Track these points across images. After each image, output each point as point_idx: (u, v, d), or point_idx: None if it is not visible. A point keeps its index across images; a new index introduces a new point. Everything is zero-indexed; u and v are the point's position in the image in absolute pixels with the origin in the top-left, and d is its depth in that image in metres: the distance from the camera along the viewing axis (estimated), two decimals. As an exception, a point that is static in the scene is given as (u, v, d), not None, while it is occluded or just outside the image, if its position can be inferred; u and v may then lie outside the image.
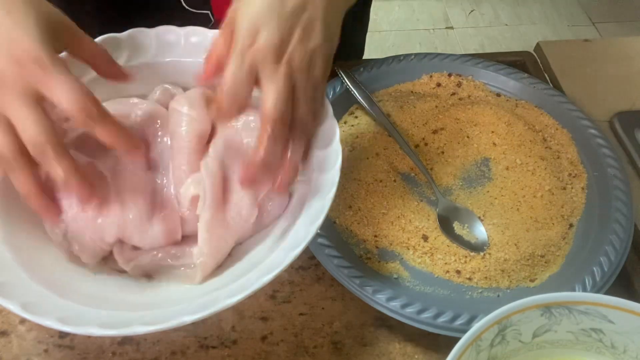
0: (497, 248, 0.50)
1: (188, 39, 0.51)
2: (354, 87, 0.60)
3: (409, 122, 0.60)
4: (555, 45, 0.72)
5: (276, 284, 0.50)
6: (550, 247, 0.51)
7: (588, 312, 0.39)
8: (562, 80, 0.67)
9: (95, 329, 0.35)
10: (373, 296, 0.46)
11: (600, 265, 0.48)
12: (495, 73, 0.64)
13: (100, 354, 0.46)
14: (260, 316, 0.48)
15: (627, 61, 0.70)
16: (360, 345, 0.47)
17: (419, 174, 0.56)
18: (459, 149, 0.58)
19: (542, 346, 0.41)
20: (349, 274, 0.47)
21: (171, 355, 0.46)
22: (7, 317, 0.47)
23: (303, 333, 0.47)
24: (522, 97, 0.63)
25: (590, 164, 0.56)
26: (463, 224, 0.52)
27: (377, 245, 0.51)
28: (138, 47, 0.50)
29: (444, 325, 0.45)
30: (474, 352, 0.37)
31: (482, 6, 2.16)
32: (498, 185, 0.55)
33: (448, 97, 0.63)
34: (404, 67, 0.64)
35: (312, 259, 0.51)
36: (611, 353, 0.41)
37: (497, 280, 0.49)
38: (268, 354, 0.46)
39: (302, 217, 0.43)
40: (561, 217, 0.53)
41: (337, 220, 0.52)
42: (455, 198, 0.55)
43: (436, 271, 0.50)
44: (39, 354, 0.45)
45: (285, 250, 0.40)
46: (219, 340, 0.47)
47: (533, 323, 0.39)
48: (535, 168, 0.56)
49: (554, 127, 0.60)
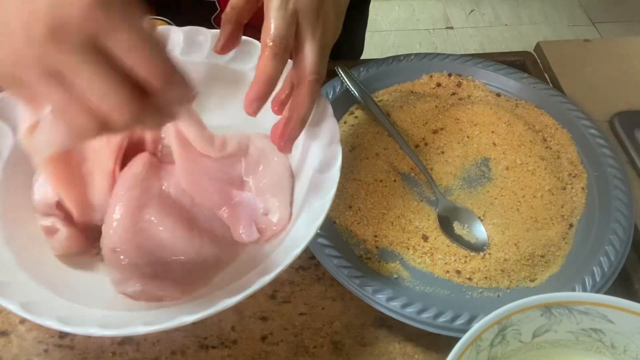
0: (497, 248, 0.50)
1: (190, 38, 0.51)
2: (354, 87, 0.60)
3: (409, 122, 0.60)
4: (555, 45, 0.72)
5: (276, 284, 0.50)
6: (550, 247, 0.51)
7: (588, 312, 0.39)
8: (562, 80, 0.67)
9: (95, 329, 0.35)
10: (373, 296, 0.46)
11: (600, 265, 0.48)
12: (495, 73, 0.64)
13: (100, 354, 0.46)
14: (260, 316, 0.48)
15: (627, 61, 0.70)
16: (360, 345, 0.47)
17: (419, 174, 0.56)
18: (459, 149, 0.58)
19: (542, 346, 0.41)
20: (349, 274, 0.47)
21: (171, 355, 0.46)
22: (7, 317, 0.47)
23: (303, 333, 0.47)
24: (522, 97, 0.63)
25: (590, 164, 0.56)
26: (463, 224, 0.52)
27: (377, 245, 0.51)
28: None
29: (444, 325, 0.45)
30: (474, 352, 0.37)
31: (482, 6, 2.16)
32: (498, 185, 0.55)
33: (448, 97, 0.63)
34: (404, 67, 0.64)
35: (312, 259, 0.51)
36: (611, 353, 0.41)
37: (497, 280, 0.49)
38: (268, 354, 0.46)
39: (302, 217, 0.43)
40: (561, 217, 0.53)
41: (337, 220, 0.52)
42: (455, 198, 0.55)
43: (436, 271, 0.50)
44: (39, 354, 0.45)
45: (285, 250, 0.40)
46: (219, 340, 0.47)
47: (533, 323, 0.39)
48: (535, 168, 0.56)
49: (554, 127, 0.60)
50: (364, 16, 0.84)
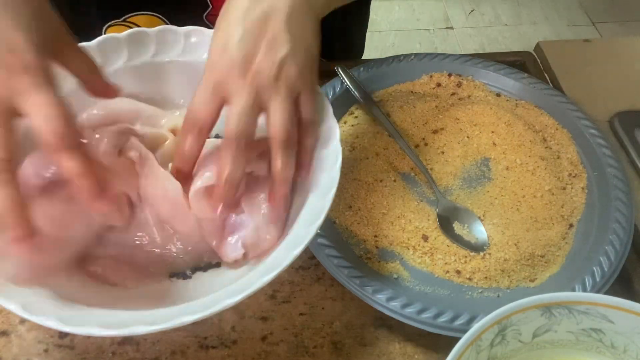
0: (497, 248, 0.50)
1: (188, 38, 0.51)
2: (354, 87, 0.60)
3: (409, 122, 0.60)
4: (555, 45, 0.72)
5: (276, 284, 0.50)
6: (550, 247, 0.51)
7: (588, 312, 0.39)
8: (562, 80, 0.67)
9: (95, 329, 0.35)
10: (373, 296, 0.46)
11: (600, 265, 0.48)
12: (495, 73, 0.64)
13: (100, 354, 0.46)
14: (260, 316, 0.48)
15: (627, 61, 0.70)
16: (360, 345, 0.47)
17: (419, 174, 0.56)
18: (459, 149, 0.58)
19: (542, 346, 0.41)
20: (349, 274, 0.47)
21: (171, 355, 0.46)
22: (7, 317, 0.47)
23: (303, 333, 0.47)
24: (522, 97, 0.63)
25: (590, 164, 0.56)
26: (463, 224, 0.52)
27: (377, 245, 0.51)
28: (138, 47, 0.50)
29: (444, 325, 0.45)
30: (474, 352, 0.37)
31: (482, 6, 2.16)
32: (498, 185, 0.55)
33: (448, 97, 0.63)
34: (404, 67, 0.64)
35: (312, 259, 0.51)
36: (611, 353, 0.41)
37: (497, 280, 0.49)
38: (268, 354, 0.46)
39: (302, 217, 0.43)
40: (561, 217, 0.53)
41: (337, 220, 0.52)
42: (455, 198, 0.55)
43: (436, 271, 0.50)
44: (39, 354, 0.45)
45: (285, 250, 0.40)
46: (219, 340, 0.47)
47: (533, 323, 0.39)
48: (535, 168, 0.56)
49: (554, 127, 0.60)
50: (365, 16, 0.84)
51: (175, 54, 0.51)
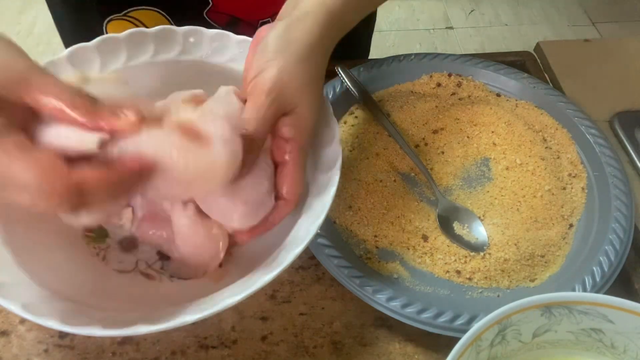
0: (497, 248, 0.50)
1: (187, 38, 0.51)
2: (354, 87, 0.60)
3: (409, 122, 0.60)
4: (555, 45, 0.72)
5: (276, 284, 0.50)
6: (550, 247, 0.51)
7: (588, 312, 0.39)
8: (562, 80, 0.67)
9: (95, 329, 0.35)
10: (373, 296, 0.46)
11: (600, 265, 0.48)
12: (495, 73, 0.64)
13: (100, 354, 0.46)
14: (260, 316, 0.48)
15: (627, 61, 0.70)
16: (360, 345, 0.47)
17: (419, 174, 0.56)
18: (459, 149, 0.58)
19: (542, 346, 0.41)
20: (349, 274, 0.47)
21: (171, 355, 0.46)
22: (7, 317, 0.47)
23: (303, 333, 0.47)
24: (522, 97, 0.63)
25: (590, 164, 0.56)
26: (463, 224, 0.52)
27: (377, 245, 0.51)
28: (137, 47, 0.50)
29: (444, 325, 0.45)
30: (474, 352, 0.37)
31: (482, 6, 2.16)
32: (498, 185, 0.55)
33: (448, 97, 0.63)
34: (404, 67, 0.64)
35: (312, 259, 0.51)
36: (611, 353, 0.41)
37: (497, 280, 0.49)
38: (268, 354, 0.46)
39: (302, 217, 0.43)
40: (561, 217, 0.53)
41: (337, 220, 0.52)
42: (455, 198, 0.55)
43: (436, 271, 0.50)
44: (39, 354, 0.45)
45: (285, 250, 0.40)
46: (219, 340, 0.47)
47: (533, 323, 0.39)
48: (535, 168, 0.56)
49: (554, 127, 0.60)
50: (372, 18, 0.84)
51: (174, 54, 0.51)
